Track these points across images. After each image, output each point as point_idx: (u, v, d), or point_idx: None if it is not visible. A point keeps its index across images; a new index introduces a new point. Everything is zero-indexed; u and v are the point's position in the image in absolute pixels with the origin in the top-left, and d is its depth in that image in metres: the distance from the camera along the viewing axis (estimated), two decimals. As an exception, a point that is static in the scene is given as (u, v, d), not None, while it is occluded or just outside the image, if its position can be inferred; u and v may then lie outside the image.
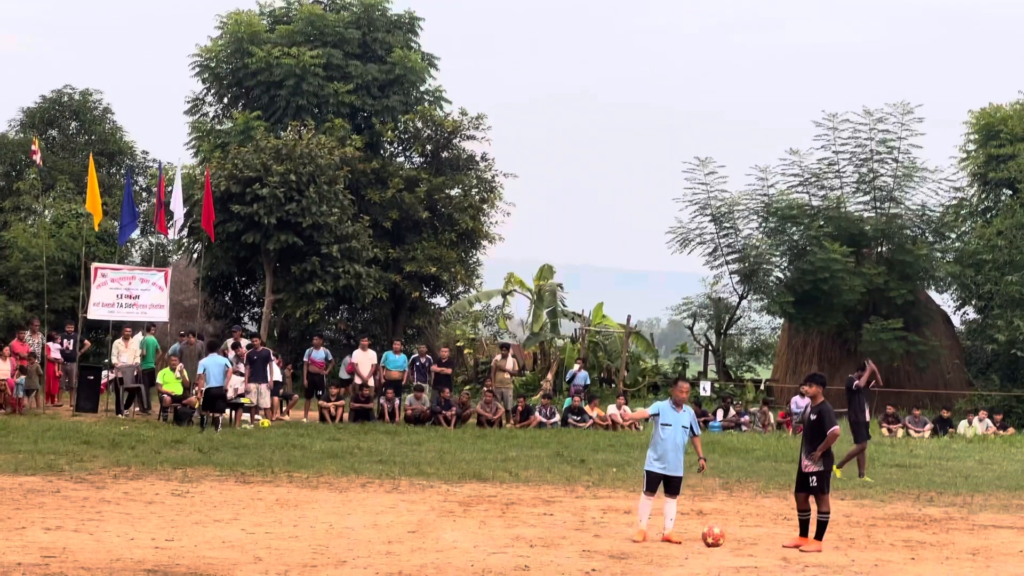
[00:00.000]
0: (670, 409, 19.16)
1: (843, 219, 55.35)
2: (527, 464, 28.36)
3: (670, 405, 19.24)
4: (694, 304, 58.83)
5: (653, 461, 18.97)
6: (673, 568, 16.42)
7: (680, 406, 19.25)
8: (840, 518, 21.13)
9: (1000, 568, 17.49)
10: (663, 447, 18.92)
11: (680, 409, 19.20)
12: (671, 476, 18.90)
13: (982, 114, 60.41)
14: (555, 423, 40.15)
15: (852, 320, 54.62)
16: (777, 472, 28.70)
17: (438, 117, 53.11)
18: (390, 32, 54.38)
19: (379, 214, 50.42)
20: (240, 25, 52.95)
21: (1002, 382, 52.96)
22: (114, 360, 37.21)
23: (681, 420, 19.08)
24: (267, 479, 23.79)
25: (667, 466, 18.87)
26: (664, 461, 18.87)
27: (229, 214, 45.67)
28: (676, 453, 18.95)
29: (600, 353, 56.83)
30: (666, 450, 18.90)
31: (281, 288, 47.64)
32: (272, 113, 52.11)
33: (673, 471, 18.91)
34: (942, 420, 45.61)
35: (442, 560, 16.23)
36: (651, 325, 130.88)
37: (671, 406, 19.20)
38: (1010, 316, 51.26)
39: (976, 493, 26.82)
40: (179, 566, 15.10)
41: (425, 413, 38.66)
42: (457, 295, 56.74)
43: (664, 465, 18.87)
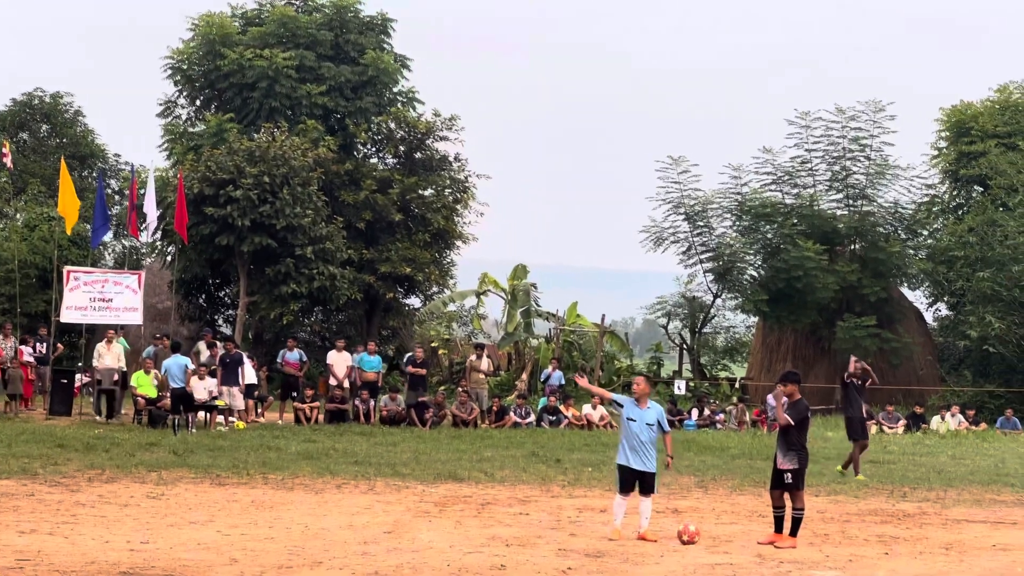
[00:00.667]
0: (634, 406, 19.08)
1: (816, 217, 55.53)
2: (502, 464, 28.38)
3: (634, 401, 19.17)
4: (668, 303, 58.93)
5: (622, 455, 18.95)
6: (649, 566, 16.45)
7: (643, 402, 19.18)
8: (814, 514, 21.19)
9: (973, 562, 17.56)
10: (629, 442, 18.88)
11: (644, 405, 19.12)
12: (643, 472, 18.86)
13: (953, 111, 60.67)
14: (530, 423, 40.18)
15: (826, 318, 54.79)
16: (752, 470, 28.76)
17: (411, 118, 53.08)
18: (362, 34, 54.34)
19: (353, 215, 50.39)
20: (212, 27, 52.83)
21: (974, 378, 53.17)
22: (95, 363, 37.05)
23: (646, 417, 18.95)
24: (242, 481, 23.77)
25: (636, 461, 18.79)
26: (632, 456, 18.82)
27: (202, 216, 45.58)
28: (644, 449, 18.84)
29: (575, 353, 56.87)
30: (633, 445, 18.85)
31: (255, 290, 47.56)
32: (245, 115, 52.02)
33: (644, 467, 18.86)
34: (915, 416, 45.79)
35: (418, 560, 16.24)
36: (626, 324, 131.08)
37: (634, 403, 19.13)
38: (982, 312, 51.45)
39: (949, 488, 26.93)
40: (154, 568, 15.08)
41: (400, 414, 38.66)
42: (431, 296, 56.77)
43: (633, 460, 18.81)
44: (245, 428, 35.25)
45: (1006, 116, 58.47)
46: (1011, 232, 52.23)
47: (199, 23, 53.49)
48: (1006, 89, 60.51)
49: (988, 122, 58.37)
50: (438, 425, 38.75)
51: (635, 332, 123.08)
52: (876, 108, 55.69)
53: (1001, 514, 22.96)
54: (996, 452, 37.00)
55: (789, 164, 56.99)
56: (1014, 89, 60.26)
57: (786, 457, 18.71)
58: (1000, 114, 58.81)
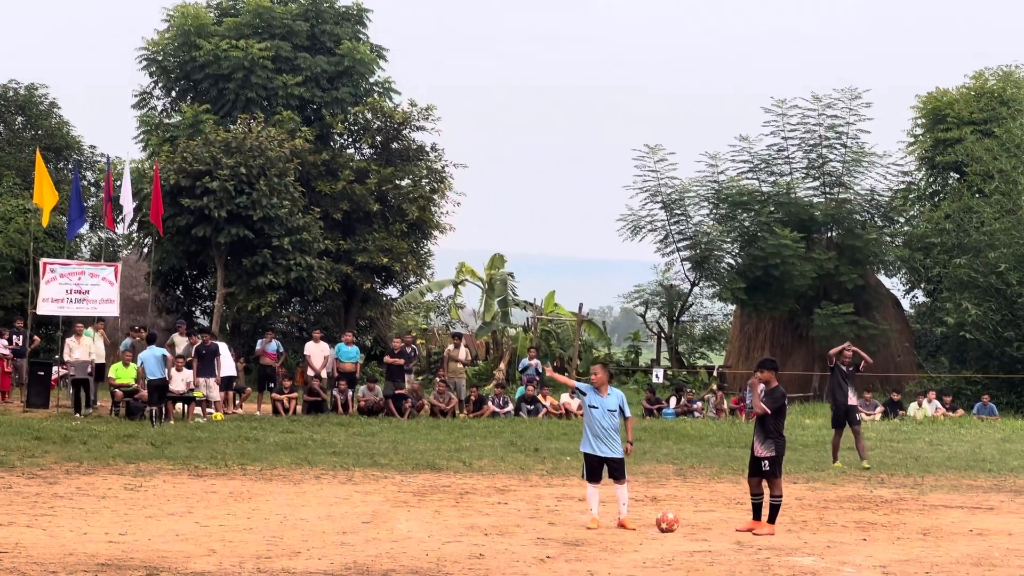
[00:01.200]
0: (595, 392, 19.10)
1: (793, 205, 55.60)
2: (481, 453, 28.39)
3: (594, 389, 19.19)
4: (646, 292, 58.97)
5: (586, 442, 18.97)
6: (628, 554, 16.47)
7: (603, 389, 19.18)
8: (793, 501, 21.26)
9: (950, 547, 17.62)
10: (593, 429, 18.90)
11: (605, 392, 19.12)
12: (610, 459, 18.88)
13: (929, 98, 60.79)
14: (508, 412, 40.20)
15: (803, 305, 54.90)
16: (730, 457, 28.82)
17: (387, 108, 53.03)
18: (338, 24, 54.26)
19: (330, 206, 50.35)
20: (187, 18, 52.67)
21: (951, 364, 53.32)
22: (66, 357, 36.93)
23: (608, 403, 18.96)
24: (220, 472, 23.74)
25: (601, 448, 18.81)
26: (597, 443, 18.84)
27: (179, 208, 45.49)
28: (608, 435, 18.87)
29: (552, 342, 56.95)
30: (596, 432, 18.87)
31: (232, 281, 47.48)
32: (221, 106, 51.91)
33: (610, 453, 18.88)
34: (892, 403, 45.89)
35: (397, 550, 16.24)
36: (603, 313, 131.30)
37: (595, 389, 19.14)
38: (958, 299, 51.56)
39: (926, 474, 27.03)
40: (133, 560, 15.06)
41: (378, 404, 38.65)
42: (409, 286, 56.79)
43: (597, 447, 18.83)
44: (223, 419, 35.20)
45: (981, 103, 58.58)
46: (987, 219, 52.34)
47: (174, 14, 53.34)
48: (981, 76, 60.62)
49: (964, 109, 58.49)
50: (416, 415, 38.75)
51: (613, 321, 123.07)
52: (852, 95, 55.79)
53: (978, 499, 23.05)
54: (973, 438, 37.11)
55: (766, 152, 57.08)
56: (989, 76, 60.38)
57: (763, 445, 18.75)
58: (975, 101, 58.92)
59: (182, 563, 14.95)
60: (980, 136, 55.91)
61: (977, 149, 54.57)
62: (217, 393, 36.48)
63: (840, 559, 16.47)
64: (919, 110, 61.15)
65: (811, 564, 16.07)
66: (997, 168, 53.10)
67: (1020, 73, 59.50)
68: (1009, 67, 60.18)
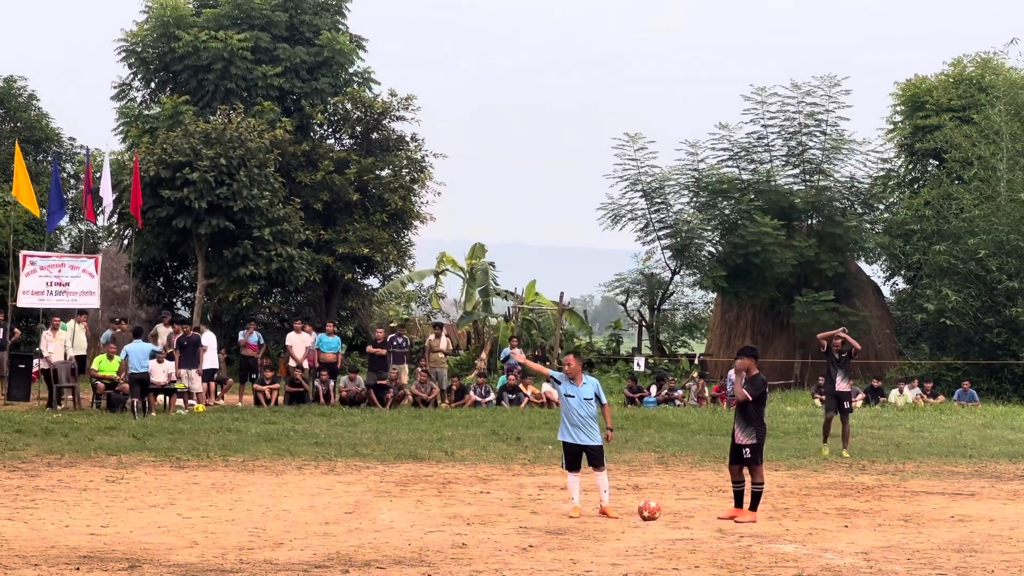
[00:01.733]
0: (569, 383, 19.13)
1: (773, 192, 55.62)
2: (463, 443, 28.42)
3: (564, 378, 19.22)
4: (627, 280, 58.96)
5: (564, 431, 19.01)
6: (610, 542, 16.50)
7: (577, 379, 19.21)
8: (774, 488, 21.30)
9: (932, 533, 17.67)
10: (570, 418, 18.93)
11: (580, 382, 19.13)
12: (588, 446, 18.91)
13: (908, 85, 60.89)
14: (490, 402, 40.23)
15: (784, 293, 54.94)
16: (712, 445, 28.87)
17: (367, 99, 53.03)
18: (317, 14, 54.19)
19: (310, 196, 50.36)
20: (166, 9, 52.56)
21: (932, 351, 53.44)
22: (43, 350, 36.79)
23: (583, 392, 18.99)
24: (202, 463, 23.72)
25: (579, 436, 18.85)
26: (575, 431, 18.88)
27: (159, 199, 45.47)
28: (585, 423, 18.90)
29: (534, 331, 56.92)
30: (574, 421, 18.91)
31: (213, 272, 47.46)
32: (200, 97, 51.83)
33: (589, 441, 18.91)
34: (873, 389, 46.01)
35: (379, 540, 16.26)
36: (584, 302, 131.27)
37: (570, 380, 19.17)
38: (938, 285, 51.70)
39: (908, 461, 27.12)
40: (115, 552, 15.05)
41: (360, 394, 38.64)
42: (390, 276, 56.78)
43: (575, 435, 18.87)
44: (205, 411, 35.16)
45: (960, 90, 58.69)
46: (966, 205, 52.47)
47: (153, 5, 53.22)
48: (960, 63, 60.74)
49: (942, 96, 58.59)
50: (398, 405, 38.75)
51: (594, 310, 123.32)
52: (831, 83, 55.81)
53: (959, 485, 23.13)
54: (953, 424, 37.24)
55: (745, 140, 57.07)
56: (968, 63, 60.49)
57: (744, 432, 18.77)
58: (954, 88, 59.04)
59: (164, 555, 14.95)
60: (959, 123, 56.01)
61: (956, 136, 54.67)
62: (199, 384, 36.41)
63: (822, 546, 16.52)
64: (898, 97, 61.26)
65: (793, 551, 16.11)
66: (976, 155, 53.22)
67: (998, 60, 59.62)
68: (987, 54, 60.32)
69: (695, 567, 14.91)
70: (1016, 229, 50.86)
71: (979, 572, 14.99)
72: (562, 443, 19.08)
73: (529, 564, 14.90)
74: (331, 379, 39.15)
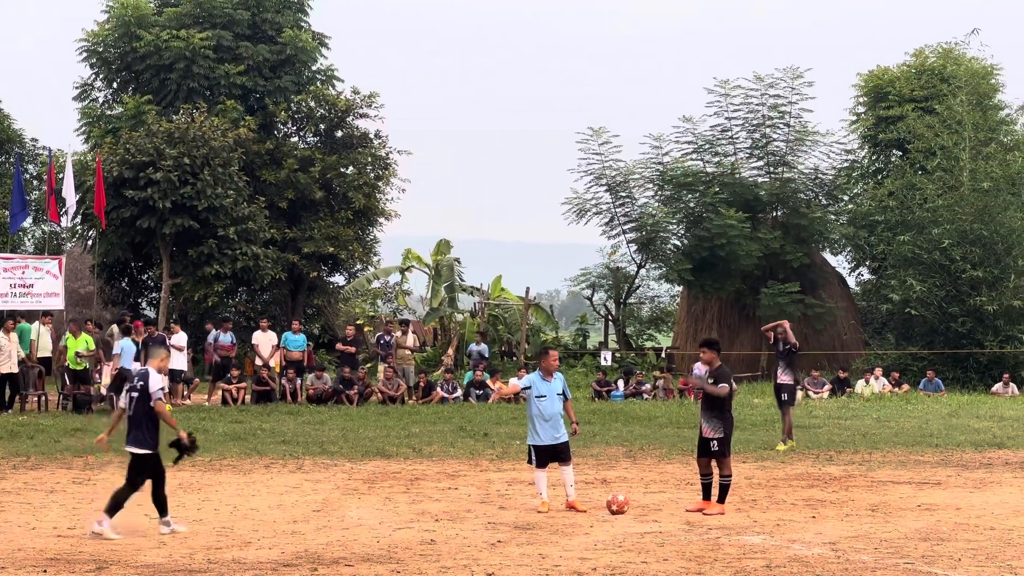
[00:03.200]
0: (542, 381, 19.11)
1: (738, 185, 55.70)
2: (430, 439, 28.42)
3: (540, 377, 19.20)
4: (592, 275, 58.91)
5: (536, 435, 18.97)
6: (578, 537, 16.52)
7: (551, 375, 19.24)
8: (742, 480, 21.36)
9: (899, 523, 17.75)
10: (541, 417, 18.92)
11: (551, 378, 19.19)
12: (557, 445, 18.95)
13: (870, 76, 61.00)
14: (457, 398, 40.22)
15: (750, 285, 55.04)
16: (680, 438, 28.93)
17: (331, 96, 52.96)
18: (279, 12, 54.07)
19: (275, 195, 50.28)
20: (127, 8, 52.39)
21: (897, 341, 53.60)
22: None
23: (555, 388, 19.05)
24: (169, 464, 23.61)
25: (549, 436, 18.87)
26: (546, 432, 18.88)
27: (123, 199, 45.35)
28: (556, 421, 18.96)
29: (500, 326, 56.92)
30: (546, 421, 18.91)
31: (178, 272, 47.36)
32: (163, 97, 51.68)
33: (558, 440, 18.94)
34: (840, 380, 46.16)
35: (348, 538, 16.25)
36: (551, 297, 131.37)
37: (541, 377, 19.16)
38: (903, 276, 51.87)
39: (874, 450, 27.23)
40: (82, 554, 15.01)
41: (327, 392, 38.60)
42: (355, 273, 56.73)
43: (546, 436, 18.88)
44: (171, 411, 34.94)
45: (922, 80, 58.83)
46: (930, 195, 52.64)
47: (114, 5, 53.05)
48: (922, 53, 60.89)
49: (905, 86, 58.73)
50: (365, 402, 38.72)
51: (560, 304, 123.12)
52: (794, 75, 55.93)
53: (925, 474, 23.24)
54: (920, 414, 37.39)
55: (709, 133, 57.14)
56: (929, 53, 60.66)
57: (712, 425, 18.82)
58: (916, 78, 59.17)
59: (132, 556, 14.91)
60: (921, 113, 56.16)
61: (919, 126, 54.84)
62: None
63: (790, 537, 16.58)
64: (861, 88, 61.37)
65: (761, 543, 16.16)
66: (939, 145, 53.39)
67: (959, 50, 59.79)
68: (949, 44, 60.47)
69: (664, 560, 14.94)
70: (979, 218, 51.08)
71: (945, 560, 15.06)
72: (532, 447, 19.03)
73: (498, 559, 14.91)
74: (298, 377, 39.10)
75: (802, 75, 55.88)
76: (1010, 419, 35.48)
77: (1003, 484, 22.12)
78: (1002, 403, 42.36)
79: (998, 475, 23.37)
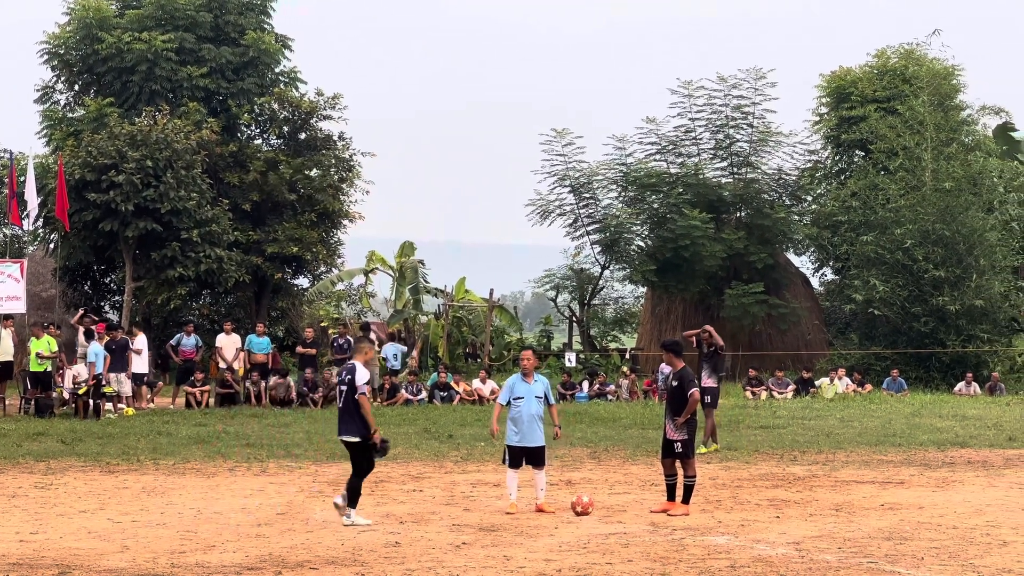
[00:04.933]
0: (520, 382, 19.08)
1: (702, 186, 55.87)
2: (395, 441, 28.24)
3: (520, 378, 19.18)
4: (556, 276, 58.98)
5: (512, 435, 18.95)
6: (543, 538, 16.51)
7: (530, 376, 19.18)
8: (707, 481, 21.39)
9: (863, 522, 17.79)
10: (519, 420, 18.90)
11: (531, 380, 19.12)
12: (532, 448, 18.92)
13: (833, 77, 61.25)
14: (422, 399, 40.22)
15: (714, 286, 55.21)
16: (644, 439, 28.97)
17: (294, 98, 52.85)
18: (242, 14, 53.92)
19: (239, 197, 50.16)
20: (88, 11, 52.14)
21: (860, 341, 53.81)
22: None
23: (534, 391, 18.99)
24: (132, 467, 23.57)
25: (526, 438, 18.87)
26: (522, 434, 18.86)
27: (85, 202, 45.19)
28: (532, 424, 18.89)
29: (464, 328, 56.91)
30: (523, 422, 18.89)
31: (141, 275, 47.21)
32: (125, 99, 51.47)
33: (533, 442, 18.93)
34: (803, 380, 46.30)
35: (312, 540, 16.21)
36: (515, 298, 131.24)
37: (521, 379, 19.14)
38: (866, 276, 52.10)
39: (838, 450, 27.32)
40: (44, 559, 14.92)
41: (291, 395, 38.53)
42: (319, 275, 56.60)
43: (522, 438, 18.87)
44: (134, 414, 34.93)
45: (884, 81, 59.10)
46: (892, 195, 52.90)
47: (75, 7, 52.78)
48: (884, 54, 61.15)
49: (867, 87, 58.98)
50: (329, 404, 38.63)
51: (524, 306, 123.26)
52: (757, 76, 56.13)
53: (889, 474, 23.32)
54: (883, 413, 37.55)
55: (673, 133, 57.33)
56: (891, 54, 60.91)
57: (676, 427, 18.83)
58: (879, 79, 59.44)
59: (95, 560, 14.84)
60: (884, 114, 56.41)
61: (881, 127, 55.08)
62: (129, 388, 36.19)
63: (754, 537, 16.60)
64: (823, 89, 61.60)
65: (725, 543, 16.18)
66: (901, 145, 53.63)
67: (921, 51, 60.07)
68: (910, 45, 60.76)
69: (628, 561, 14.94)
70: (941, 218, 51.34)
71: (909, 559, 15.10)
72: (508, 447, 19.01)
73: (463, 561, 14.89)
74: (262, 380, 39.03)
75: (765, 76, 56.19)
76: (972, 418, 35.65)
77: (965, 483, 22.20)
78: (964, 402, 42.58)
79: (961, 474, 23.47)
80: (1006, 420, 35.24)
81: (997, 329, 52.60)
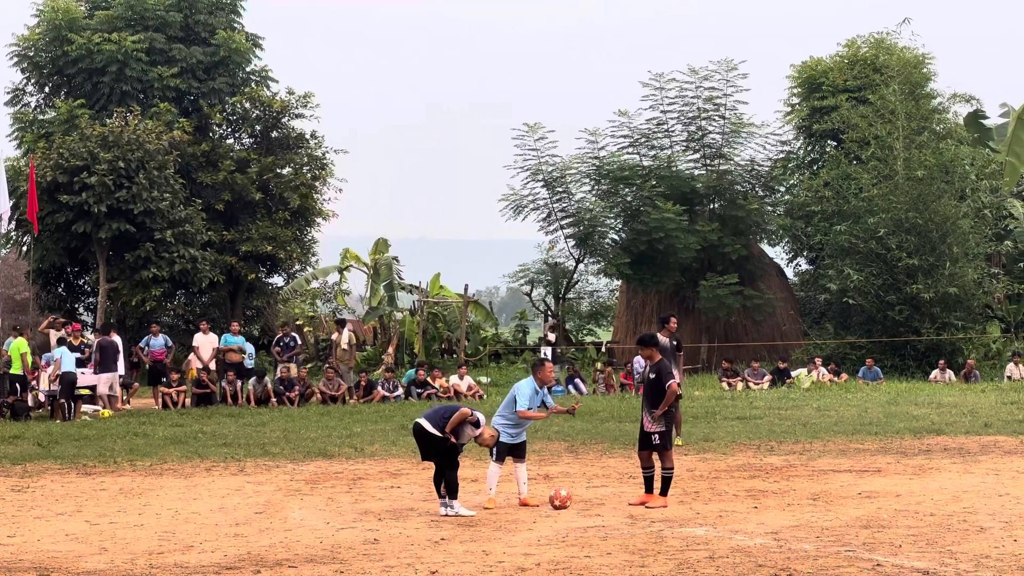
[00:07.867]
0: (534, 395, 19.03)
1: (675, 178, 55.91)
2: (372, 439, 28.36)
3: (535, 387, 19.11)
4: (531, 270, 58.99)
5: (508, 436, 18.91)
6: (522, 532, 16.52)
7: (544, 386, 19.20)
8: (684, 472, 21.41)
9: (840, 511, 17.84)
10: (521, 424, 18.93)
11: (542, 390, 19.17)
12: (517, 443, 18.99)
13: (804, 67, 61.33)
14: (398, 396, 40.21)
15: (689, 278, 55.27)
16: (621, 432, 28.97)
17: (266, 97, 52.77)
18: (212, 14, 53.82)
19: (212, 197, 50.09)
20: (57, 12, 51.99)
21: (836, 330, 53.91)
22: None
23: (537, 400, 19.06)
24: (110, 469, 23.51)
25: (516, 436, 18.93)
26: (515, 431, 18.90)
27: (58, 204, 45.09)
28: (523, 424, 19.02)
29: (439, 324, 56.91)
30: (522, 425, 18.95)
31: (115, 276, 47.11)
32: (96, 100, 51.32)
33: (521, 438, 19.01)
34: (779, 371, 46.36)
35: (291, 539, 16.19)
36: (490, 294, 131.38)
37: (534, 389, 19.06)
38: (840, 265, 52.18)
39: (815, 440, 27.36)
40: (22, 562, 14.88)
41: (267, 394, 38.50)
42: (294, 274, 56.56)
43: (514, 435, 18.91)
44: (111, 416, 34.87)
45: (855, 70, 59.20)
46: (865, 185, 52.96)
47: (44, 8, 52.63)
48: (854, 44, 61.26)
49: (838, 77, 59.09)
50: (306, 403, 38.64)
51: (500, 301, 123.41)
52: (729, 67, 56.16)
53: (865, 462, 23.37)
54: (859, 402, 37.61)
55: (645, 126, 57.32)
56: (862, 43, 61.03)
57: (653, 419, 18.84)
58: (849, 68, 59.54)
59: (73, 563, 14.80)
60: (855, 103, 56.50)
61: (852, 116, 55.15)
62: (118, 389, 36.29)
63: (732, 528, 16.63)
64: (795, 79, 61.68)
65: (704, 534, 16.20)
66: (872, 134, 53.70)
67: (891, 40, 60.17)
68: (880, 34, 60.86)
69: (607, 554, 14.96)
70: (914, 207, 51.40)
71: (887, 547, 15.14)
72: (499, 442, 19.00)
73: (441, 557, 14.89)
74: (238, 379, 39.00)
75: (736, 67, 56.20)
76: (948, 405, 35.73)
77: (942, 470, 22.27)
78: (940, 390, 42.69)
79: (937, 461, 23.53)
80: (981, 407, 35.32)
81: (971, 316, 52.71)
